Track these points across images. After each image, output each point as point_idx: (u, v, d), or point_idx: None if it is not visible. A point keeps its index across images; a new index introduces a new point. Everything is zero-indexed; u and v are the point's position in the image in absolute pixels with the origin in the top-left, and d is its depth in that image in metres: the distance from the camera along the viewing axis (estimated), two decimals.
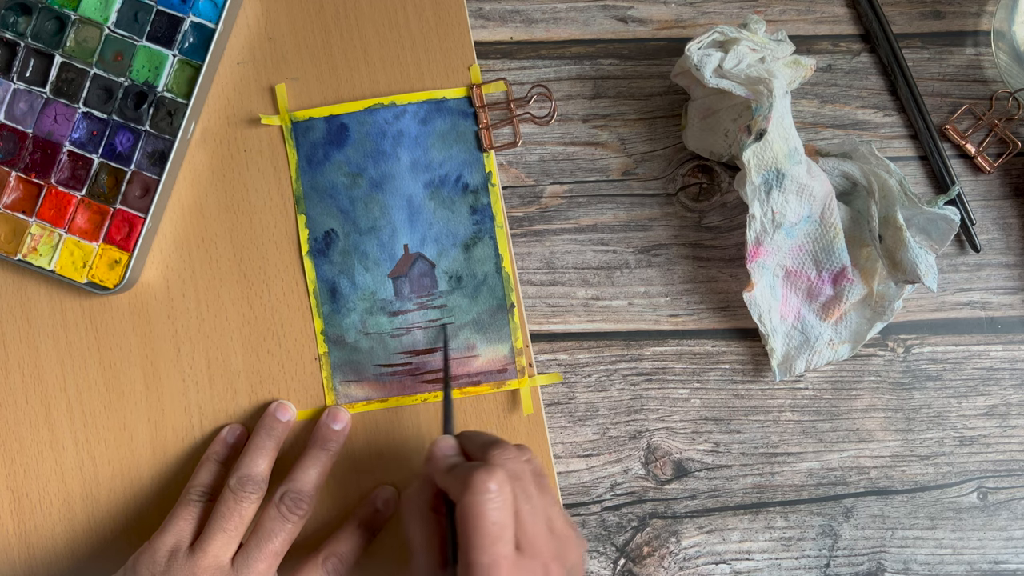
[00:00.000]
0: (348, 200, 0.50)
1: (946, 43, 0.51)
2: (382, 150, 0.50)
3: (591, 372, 0.51)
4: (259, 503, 0.46)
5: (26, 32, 0.48)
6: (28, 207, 0.48)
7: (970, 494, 0.51)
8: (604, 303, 0.51)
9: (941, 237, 0.48)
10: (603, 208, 0.51)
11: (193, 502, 0.46)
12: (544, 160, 0.51)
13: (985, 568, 0.50)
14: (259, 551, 0.44)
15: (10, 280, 0.49)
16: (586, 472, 0.51)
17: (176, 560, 0.44)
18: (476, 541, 0.36)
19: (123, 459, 0.49)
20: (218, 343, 0.49)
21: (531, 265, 0.51)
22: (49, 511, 0.49)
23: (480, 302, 0.49)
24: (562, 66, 0.51)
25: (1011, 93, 0.50)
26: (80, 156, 0.48)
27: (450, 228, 0.50)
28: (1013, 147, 0.50)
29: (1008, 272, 0.51)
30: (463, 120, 0.50)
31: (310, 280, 0.50)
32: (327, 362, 0.49)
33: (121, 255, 0.48)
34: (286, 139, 0.50)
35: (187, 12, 0.48)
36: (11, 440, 0.49)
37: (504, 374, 0.49)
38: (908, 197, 0.47)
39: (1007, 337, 0.51)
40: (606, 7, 0.51)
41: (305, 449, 0.48)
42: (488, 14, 0.51)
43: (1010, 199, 0.51)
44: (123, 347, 0.49)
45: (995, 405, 0.51)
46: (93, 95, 0.48)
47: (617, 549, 0.50)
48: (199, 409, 0.49)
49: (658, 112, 0.51)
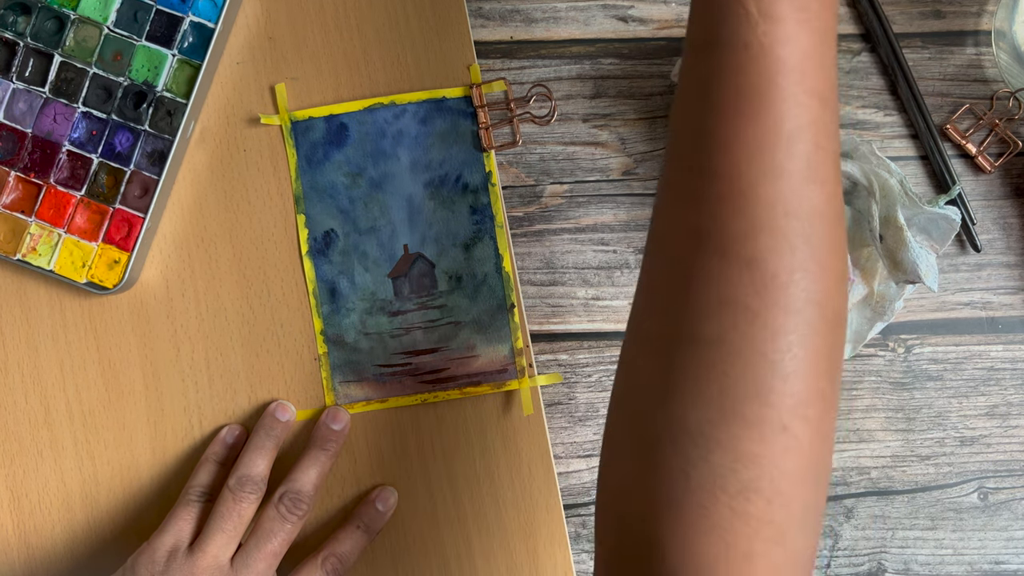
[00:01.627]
0: (348, 200, 0.50)
1: (947, 43, 0.51)
2: (382, 150, 0.50)
3: (591, 372, 0.51)
4: (258, 503, 0.46)
5: (25, 32, 0.48)
6: (27, 207, 0.48)
7: (971, 494, 0.51)
8: (604, 303, 0.51)
9: (942, 237, 0.48)
10: (603, 208, 0.51)
11: (192, 502, 0.46)
12: (544, 160, 0.51)
13: (986, 568, 0.50)
14: (258, 551, 0.44)
15: (9, 280, 0.49)
16: (586, 472, 0.50)
17: (175, 560, 0.44)
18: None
19: (122, 459, 0.49)
20: (218, 343, 0.49)
21: (531, 265, 0.51)
22: (48, 511, 0.49)
23: (480, 302, 0.49)
24: (562, 66, 0.51)
25: (1012, 93, 0.50)
26: (79, 156, 0.48)
27: (450, 228, 0.50)
28: (1014, 147, 0.50)
29: (1009, 272, 0.51)
30: (463, 120, 0.50)
31: (310, 280, 0.49)
32: (327, 362, 0.49)
33: (120, 255, 0.48)
34: (286, 139, 0.50)
35: (186, 11, 0.48)
36: (10, 440, 0.49)
37: (504, 374, 0.49)
38: (909, 197, 0.47)
39: (1008, 337, 0.51)
40: (606, 6, 0.51)
41: (304, 449, 0.48)
42: (488, 13, 0.51)
43: (1011, 199, 0.51)
44: (122, 347, 0.49)
45: (996, 405, 0.51)
46: (92, 95, 0.48)
47: None
48: (198, 409, 0.49)
49: (658, 112, 0.51)
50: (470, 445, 0.49)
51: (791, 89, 0.30)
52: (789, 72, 0.30)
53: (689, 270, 0.31)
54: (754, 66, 0.30)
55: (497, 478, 0.49)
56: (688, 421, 0.30)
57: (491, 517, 0.49)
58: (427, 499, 0.49)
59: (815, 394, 0.30)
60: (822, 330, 0.30)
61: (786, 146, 0.30)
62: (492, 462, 0.49)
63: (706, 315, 0.30)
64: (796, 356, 0.29)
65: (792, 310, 0.30)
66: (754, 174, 0.30)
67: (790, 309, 0.30)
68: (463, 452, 0.49)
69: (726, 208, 0.30)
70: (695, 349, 0.30)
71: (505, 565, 0.49)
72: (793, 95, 0.30)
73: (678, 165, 0.32)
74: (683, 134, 0.32)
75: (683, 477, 0.30)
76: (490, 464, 0.49)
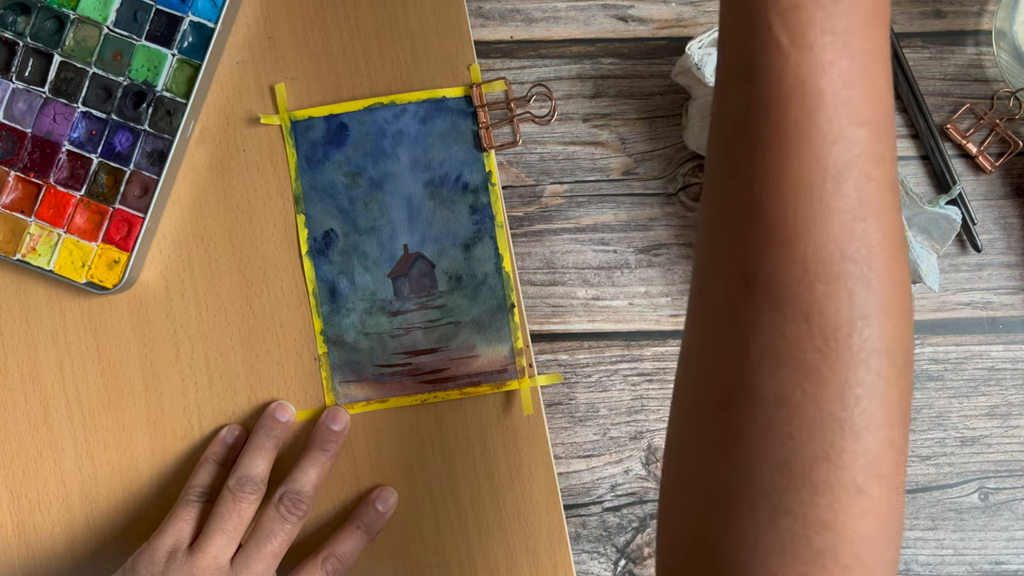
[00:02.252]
0: (348, 200, 0.50)
1: (947, 42, 0.51)
2: (382, 150, 0.50)
3: (591, 372, 0.51)
4: (258, 504, 0.46)
5: (25, 31, 0.48)
6: (27, 207, 0.48)
7: (971, 495, 0.51)
8: (604, 303, 0.51)
9: (942, 237, 0.48)
10: (603, 208, 0.51)
11: (192, 502, 0.46)
12: (544, 160, 0.51)
13: (986, 569, 0.50)
14: (258, 551, 0.44)
15: (9, 280, 0.49)
16: (586, 473, 0.50)
17: (175, 560, 0.44)
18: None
19: (122, 459, 0.49)
20: (217, 343, 0.49)
21: (531, 265, 0.51)
22: (48, 511, 0.49)
23: (480, 302, 0.49)
24: (562, 65, 0.51)
25: (1012, 92, 0.50)
26: (79, 156, 0.48)
27: (450, 228, 0.49)
28: (1014, 147, 0.50)
29: (1009, 272, 0.51)
30: (463, 119, 0.50)
31: (309, 280, 0.49)
32: (327, 362, 0.49)
33: (120, 255, 0.48)
34: (285, 139, 0.50)
35: (186, 11, 0.48)
36: (10, 441, 0.49)
37: (504, 374, 0.49)
38: (909, 197, 0.47)
39: (1008, 337, 0.51)
40: (606, 6, 0.51)
41: (304, 450, 0.48)
42: (488, 13, 0.51)
43: (1011, 199, 0.51)
44: (122, 347, 0.49)
45: (996, 405, 0.51)
46: (92, 94, 0.48)
47: (618, 550, 0.50)
48: (198, 409, 0.49)
49: (658, 111, 0.51)
50: (470, 445, 0.49)
51: (835, 123, 0.28)
52: (830, 104, 0.28)
53: (742, 319, 0.29)
54: (791, 100, 0.28)
55: (497, 478, 0.49)
56: (753, 484, 0.28)
57: (491, 517, 0.49)
58: (427, 499, 0.49)
59: (887, 447, 0.28)
60: (890, 378, 0.28)
61: (834, 184, 0.28)
62: (492, 462, 0.49)
63: (764, 371, 0.28)
64: (865, 411, 0.28)
65: (856, 362, 0.28)
66: (802, 215, 0.28)
67: (854, 362, 0.28)
68: (463, 452, 0.49)
69: (775, 252, 0.28)
70: (755, 406, 0.28)
71: (505, 565, 0.49)
72: (837, 129, 0.28)
73: (719, 199, 0.30)
74: (723, 167, 0.30)
75: (751, 543, 0.28)
76: (490, 464, 0.49)
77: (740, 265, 0.29)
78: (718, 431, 0.29)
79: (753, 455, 0.28)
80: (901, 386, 0.29)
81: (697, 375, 0.31)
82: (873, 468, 0.28)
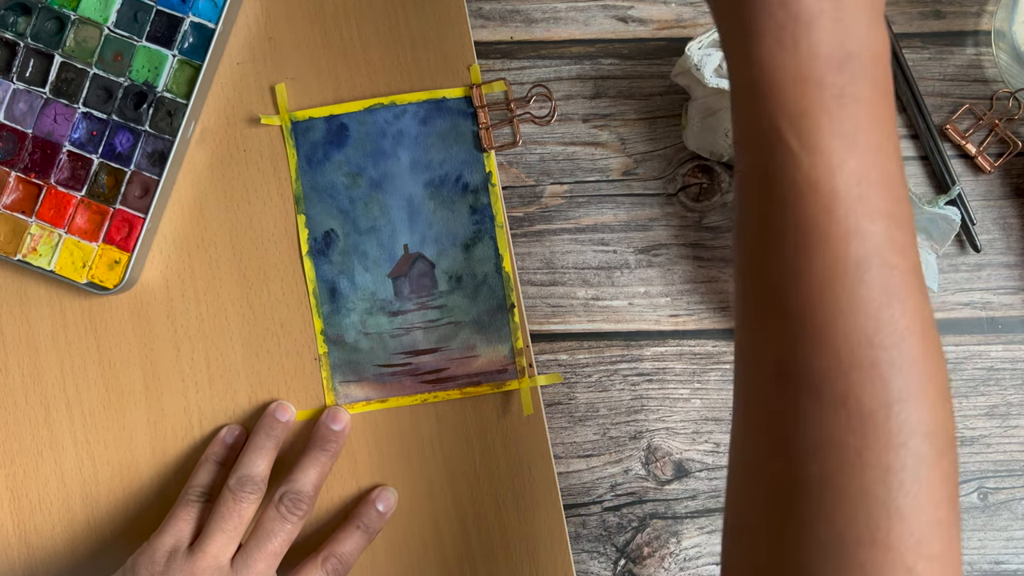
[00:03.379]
0: (348, 200, 0.50)
1: (946, 43, 0.51)
2: (382, 150, 0.50)
3: (591, 372, 0.51)
4: (258, 503, 0.46)
5: (26, 32, 0.48)
6: (28, 207, 0.48)
7: (970, 494, 0.51)
8: (604, 303, 0.51)
9: (942, 237, 0.48)
10: (603, 208, 0.51)
11: (192, 502, 0.46)
12: (544, 160, 0.51)
13: (986, 568, 0.50)
14: (258, 551, 0.44)
15: (10, 280, 0.49)
16: (586, 472, 0.50)
17: (175, 560, 0.44)
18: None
19: (122, 459, 0.49)
20: (218, 343, 0.49)
21: (531, 265, 0.51)
22: (48, 511, 0.49)
23: (480, 302, 0.49)
24: (562, 66, 0.51)
25: (1012, 93, 0.50)
26: (80, 156, 0.48)
27: (450, 228, 0.50)
28: (1014, 147, 0.50)
29: (1009, 272, 0.51)
30: (463, 120, 0.50)
31: (310, 280, 0.49)
32: (327, 362, 0.49)
33: (121, 255, 0.48)
34: (286, 139, 0.50)
35: (187, 12, 0.48)
36: (10, 440, 0.49)
37: (504, 374, 0.49)
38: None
39: (1008, 337, 0.51)
40: (606, 7, 0.51)
41: (305, 450, 0.48)
42: (488, 14, 0.51)
43: (1011, 199, 0.51)
44: (123, 347, 0.49)
45: (996, 405, 0.51)
46: (93, 95, 0.48)
47: (617, 550, 0.50)
48: (198, 409, 0.49)
49: (658, 112, 0.51)
50: (470, 445, 0.49)
51: (851, 219, 0.29)
52: (844, 201, 0.29)
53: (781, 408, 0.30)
54: (806, 201, 0.29)
55: (497, 478, 0.49)
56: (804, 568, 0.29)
57: (491, 517, 0.49)
58: (427, 499, 0.49)
59: (936, 526, 0.28)
60: (932, 459, 0.29)
61: (856, 275, 0.29)
62: (492, 462, 0.49)
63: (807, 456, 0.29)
64: (909, 493, 0.28)
65: (895, 445, 0.28)
66: (828, 309, 0.29)
67: (893, 444, 0.28)
68: (463, 452, 0.49)
69: (807, 347, 0.29)
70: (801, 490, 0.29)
71: (505, 565, 0.49)
72: (855, 224, 0.29)
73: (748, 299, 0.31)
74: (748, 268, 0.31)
75: None
76: (490, 464, 0.49)
77: (774, 359, 0.30)
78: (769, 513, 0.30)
79: (804, 538, 0.29)
80: (944, 466, 0.29)
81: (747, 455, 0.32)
82: (923, 549, 0.28)
